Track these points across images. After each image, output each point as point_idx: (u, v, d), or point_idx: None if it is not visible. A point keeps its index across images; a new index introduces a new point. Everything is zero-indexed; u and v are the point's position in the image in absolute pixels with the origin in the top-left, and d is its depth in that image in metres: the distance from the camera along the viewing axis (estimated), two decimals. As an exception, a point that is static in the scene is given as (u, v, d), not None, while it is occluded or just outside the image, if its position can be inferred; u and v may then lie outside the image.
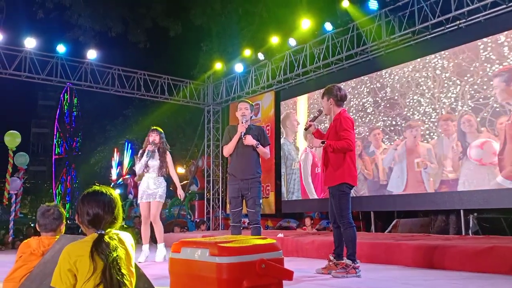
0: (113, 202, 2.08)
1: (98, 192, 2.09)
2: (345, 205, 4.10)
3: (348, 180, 4.10)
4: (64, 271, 1.90)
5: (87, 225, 2.03)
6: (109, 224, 2.03)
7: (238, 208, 4.66)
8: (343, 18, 8.92)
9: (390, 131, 8.23)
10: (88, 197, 2.07)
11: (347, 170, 4.09)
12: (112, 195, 2.09)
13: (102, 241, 1.93)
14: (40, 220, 3.05)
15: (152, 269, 4.53)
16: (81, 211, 2.05)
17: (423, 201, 7.61)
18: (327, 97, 4.24)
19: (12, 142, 11.60)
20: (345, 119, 4.12)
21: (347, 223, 4.07)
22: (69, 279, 1.89)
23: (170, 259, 2.23)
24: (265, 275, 1.95)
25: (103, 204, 2.03)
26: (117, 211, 2.08)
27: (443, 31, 7.70)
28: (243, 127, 4.62)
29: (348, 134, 4.06)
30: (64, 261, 1.91)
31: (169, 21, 15.03)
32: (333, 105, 4.22)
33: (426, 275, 4.17)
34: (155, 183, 5.85)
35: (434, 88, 7.63)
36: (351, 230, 4.07)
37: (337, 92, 4.20)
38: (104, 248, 1.90)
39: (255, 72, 11.40)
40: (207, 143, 12.97)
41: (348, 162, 4.09)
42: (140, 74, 11.47)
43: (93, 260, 1.88)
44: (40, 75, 10.20)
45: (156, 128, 6.03)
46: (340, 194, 4.11)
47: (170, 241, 9.25)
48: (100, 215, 2.02)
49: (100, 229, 2.00)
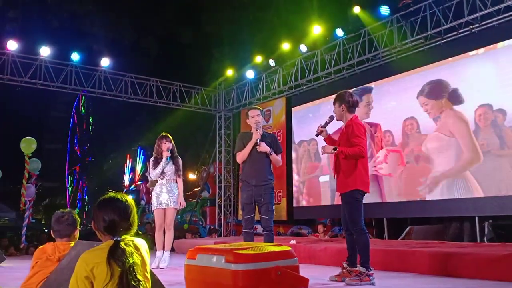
0: (129, 209, 2.09)
1: (114, 199, 2.10)
2: (358, 212, 4.08)
3: (360, 187, 4.09)
4: (81, 279, 1.91)
5: (103, 232, 2.05)
6: (125, 230, 2.04)
7: (251, 214, 4.68)
8: (355, 24, 8.93)
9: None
10: (104, 204, 2.08)
11: (359, 177, 4.08)
12: (127, 201, 2.10)
13: (118, 247, 1.94)
14: (54, 226, 3.08)
15: (166, 276, 4.54)
16: (97, 218, 2.06)
17: (437, 208, 7.54)
18: (339, 103, 4.24)
19: (28, 148, 11.78)
20: (357, 126, 4.12)
21: (359, 230, 4.05)
22: (86, 287, 1.90)
23: (185, 265, 2.25)
24: (280, 283, 1.96)
25: (118, 211, 2.05)
26: (133, 217, 2.09)
27: (456, 36, 7.65)
28: (258, 133, 4.66)
29: (360, 140, 4.05)
30: (80, 268, 1.93)
31: (181, 28, 15.18)
32: (345, 111, 4.21)
33: (441, 283, 4.13)
34: (169, 189, 5.87)
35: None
36: (364, 237, 4.05)
37: (349, 98, 4.20)
38: (120, 255, 1.91)
39: (266, 79, 11.43)
40: (218, 149, 13.00)
41: (360, 169, 4.08)
42: (153, 81, 11.58)
43: (110, 267, 1.88)
44: (55, 82, 10.35)
45: (167, 135, 6.06)
46: (352, 200, 4.09)
47: (182, 247, 9.32)
48: (116, 222, 2.03)
49: (116, 235, 2.01)
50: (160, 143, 5.98)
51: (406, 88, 8.22)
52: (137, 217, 2.18)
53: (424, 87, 7.88)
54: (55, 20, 14.25)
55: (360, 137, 4.06)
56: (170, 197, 5.84)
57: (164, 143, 5.94)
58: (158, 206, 5.87)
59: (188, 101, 12.21)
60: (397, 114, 8.36)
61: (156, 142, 6.06)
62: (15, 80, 10.05)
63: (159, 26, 15.10)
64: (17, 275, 4.95)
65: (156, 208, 5.90)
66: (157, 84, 11.62)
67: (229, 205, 12.78)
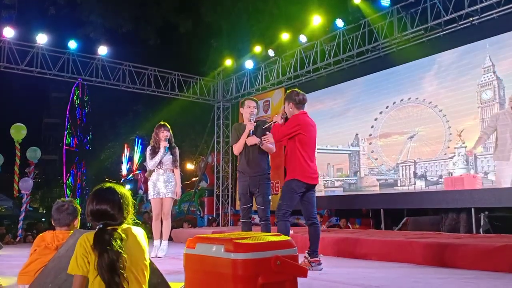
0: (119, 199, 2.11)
1: (104, 189, 2.14)
2: (285, 199, 4.24)
3: (299, 177, 4.22)
4: (80, 256, 1.96)
5: (92, 220, 2.08)
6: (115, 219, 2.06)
7: (247, 204, 4.72)
8: (355, 14, 8.88)
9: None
10: (94, 193, 2.12)
11: (299, 167, 4.23)
12: (118, 191, 2.13)
13: (101, 235, 1.96)
14: (54, 214, 3.12)
15: (164, 264, 4.56)
16: (87, 206, 2.11)
17: (434, 199, 7.58)
18: (287, 102, 4.46)
19: (18, 135, 11.76)
20: (292, 118, 4.36)
21: (280, 216, 4.22)
22: (85, 264, 1.94)
23: (185, 254, 2.25)
24: (280, 272, 1.96)
25: (107, 200, 2.07)
26: (126, 206, 2.11)
27: (456, 28, 7.63)
28: (252, 125, 4.69)
29: (283, 129, 4.32)
30: (80, 247, 1.98)
31: (180, 18, 15.04)
32: (294, 108, 4.41)
33: (437, 273, 4.16)
34: (166, 179, 5.88)
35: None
36: (283, 224, 4.20)
37: (296, 97, 4.40)
38: (104, 242, 1.93)
39: (265, 69, 11.38)
40: (216, 140, 12.99)
41: (300, 160, 4.24)
42: (151, 71, 11.51)
43: (94, 252, 1.93)
44: (52, 70, 10.28)
45: (165, 124, 6.04)
46: (285, 188, 4.28)
47: (180, 236, 9.36)
48: (102, 211, 2.05)
49: (103, 223, 2.03)
50: (158, 131, 5.97)
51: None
52: (133, 207, 2.19)
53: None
54: (52, 7, 14.07)
55: (287, 126, 4.32)
56: (167, 187, 5.85)
57: (162, 132, 5.93)
58: (155, 195, 5.88)
59: (187, 90, 12.16)
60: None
61: (154, 130, 6.05)
62: (12, 67, 9.97)
63: (157, 15, 14.96)
64: (14, 263, 4.96)
65: (153, 198, 5.91)
66: (155, 73, 11.55)
67: (227, 195, 12.81)
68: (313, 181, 4.32)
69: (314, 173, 4.33)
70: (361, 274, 4.17)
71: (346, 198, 9.17)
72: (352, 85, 9.36)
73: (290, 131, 4.28)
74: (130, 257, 1.96)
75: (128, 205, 2.13)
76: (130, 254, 1.97)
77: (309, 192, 4.33)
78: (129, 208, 2.13)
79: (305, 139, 4.28)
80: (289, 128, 4.29)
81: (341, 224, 9.54)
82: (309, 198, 4.34)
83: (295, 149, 4.27)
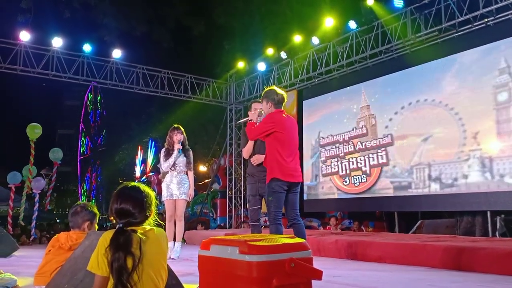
0: (143, 198, 2.12)
1: (128, 188, 2.15)
2: (272, 203, 4.14)
3: (277, 175, 4.12)
4: (101, 255, 1.96)
5: (115, 218, 2.09)
6: (136, 219, 2.08)
7: (256, 206, 4.70)
8: (368, 16, 8.85)
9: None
10: (118, 192, 2.13)
11: (276, 165, 4.15)
12: (143, 191, 2.14)
13: (121, 234, 1.97)
14: (69, 217, 3.25)
15: (177, 266, 4.58)
16: (111, 205, 2.12)
17: (449, 202, 7.50)
18: (266, 101, 4.39)
19: (32, 134, 11.99)
20: (267, 116, 4.33)
21: (271, 219, 4.14)
22: (105, 264, 1.95)
23: (199, 256, 2.26)
24: (294, 274, 1.96)
25: (131, 200, 2.08)
26: (149, 206, 2.12)
27: (470, 29, 7.55)
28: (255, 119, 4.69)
29: (257, 127, 4.33)
30: (101, 246, 1.99)
31: (193, 20, 15.17)
32: (272, 107, 4.36)
33: (452, 277, 4.11)
34: (179, 181, 5.91)
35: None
36: (273, 228, 4.11)
37: (275, 96, 4.35)
38: (119, 243, 1.94)
39: (277, 71, 11.39)
40: (229, 142, 13.03)
41: (277, 158, 4.15)
42: (164, 73, 11.61)
43: (110, 251, 1.94)
44: (67, 73, 10.43)
45: (178, 126, 6.08)
46: (269, 190, 4.18)
47: (193, 238, 9.40)
48: (125, 210, 2.07)
49: (124, 222, 2.04)
50: (172, 134, 6.01)
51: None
52: (156, 207, 2.21)
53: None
54: (67, 11, 14.29)
55: (262, 124, 4.29)
56: (180, 189, 5.87)
57: (176, 135, 5.96)
58: (168, 197, 5.91)
59: (199, 93, 12.23)
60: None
61: (168, 133, 6.09)
62: (27, 71, 10.13)
63: (171, 18, 15.10)
64: (30, 263, 5.03)
65: (166, 199, 5.94)
66: (168, 76, 11.64)
67: (239, 197, 12.83)
68: (293, 179, 4.18)
69: (294, 170, 4.20)
70: (375, 277, 4.14)
71: (359, 201, 9.11)
72: (365, 86, 9.32)
73: (264, 129, 4.23)
74: (148, 258, 1.97)
75: (151, 205, 2.13)
76: (149, 255, 1.97)
77: (291, 192, 4.21)
78: (151, 208, 2.13)
79: (281, 136, 4.18)
80: (264, 126, 4.25)
81: (354, 227, 9.49)
82: (289, 198, 4.22)
83: (272, 148, 4.20)
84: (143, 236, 1.99)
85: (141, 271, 1.93)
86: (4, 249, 6.69)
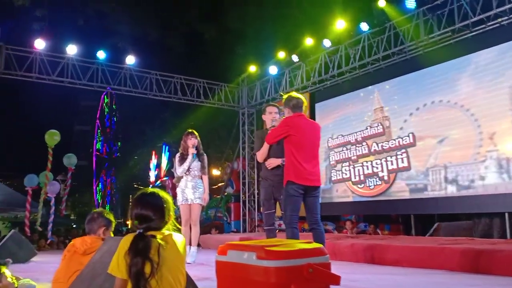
0: (162, 204, 2.14)
1: (147, 194, 2.17)
2: (287, 206, 4.13)
3: (293, 178, 4.10)
4: (121, 258, 1.99)
5: (135, 223, 2.11)
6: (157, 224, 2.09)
7: (271, 210, 4.69)
8: (380, 18, 8.82)
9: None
10: (137, 198, 2.16)
11: (292, 168, 4.14)
12: (161, 197, 2.17)
13: (140, 240, 1.99)
14: (85, 224, 3.32)
15: (193, 270, 4.59)
16: (130, 211, 2.15)
17: (466, 204, 7.40)
18: (284, 108, 4.47)
19: (51, 140, 12.17)
20: (282, 120, 4.39)
21: (287, 223, 4.12)
22: (125, 268, 1.97)
23: (216, 261, 2.27)
24: (312, 280, 1.95)
25: (149, 206, 2.11)
26: (167, 211, 2.15)
27: (484, 29, 7.47)
28: None
29: (272, 131, 4.42)
30: (122, 249, 2.01)
31: (205, 26, 15.27)
32: (289, 113, 4.40)
33: (471, 280, 4.05)
34: (194, 185, 5.93)
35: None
36: (289, 232, 4.10)
37: (290, 102, 4.40)
38: (138, 248, 1.96)
39: (289, 74, 11.39)
40: (242, 146, 13.05)
41: (293, 161, 4.14)
42: (177, 79, 11.69)
43: (129, 255, 1.96)
44: (82, 80, 10.56)
45: (192, 131, 6.11)
46: (285, 193, 4.18)
47: (207, 242, 9.41)
48: (144, 216, 2.09)
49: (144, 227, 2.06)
50: (186, 139, 6.03)
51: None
52: (174, 212, 2.22)
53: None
54: (81, 19, 14.50)
55: (276, 128, 4.38)
56: (195, 193, 5.89)
57: (190, 139, 5.99)
58: (183, 201, 5.93)
59: (212, 97, 12.30)
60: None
61: (182, 138, 6.12)
62: (43, 78, 10.28)
63: (183, 23, 15.22)
64: (48, 269, 5.09)
65: (181, 204, 5.96)
66: (181, 81, 11.73)
67: (253, 201, 12.83)
68: (310, 183, 4.12)
69: (310, 174, 4.13)
70: (393, 281, 4.10)
71: (375, 204, 9.04)
72: (378, 88, 9.26)
73: (278, 133, 4.26)
74: (167, 264, 1.98)
75: (170, 210, 2.16)
76: (168, 261, 1.99)
77: (309, 196, 4.16)
78: (170, 213, 2.16)
79: (296, 139, 4.16)
80: (278, 130, 4.30)
81: (370, 230, 9.42)
82: (308, 202, 4.19)
83: (288, 151, 4.20)
84: (163, 242, 2.00)
85: (159, 276, 1.94)
86: (23, 255, 6.79)
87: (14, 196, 16.58)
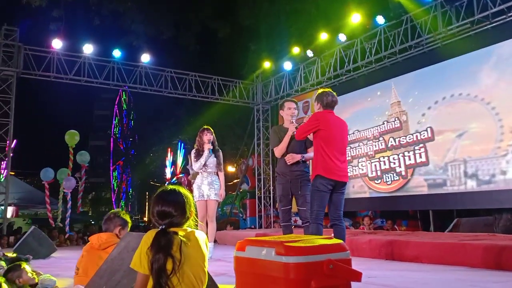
0: (182, 201, 2.13)
1: (167, 191, 2.17)
2: (314, 201, 4.12)
3: (321, 172, 4.08)
4: (143, 254, 1.98)
5: (156, 221, 2.11)
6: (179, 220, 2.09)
7: (288, 206, 4.67)
8: (396, 10, 8.69)
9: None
10: (158, 195, 2.16)
11: (321, 163, 4.12)
12: (182, 194, 2.16)
13: (162, 236, 1.98)
14: (102, 223, 3.48)
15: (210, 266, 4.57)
16: (151, 208, 2.15)
17: (486, 199, 7.26)
18: (316, 102, 4.42)
19: (71, 140, 12.39)
20: (312, 115, 4.36)
21: (312, 218, 4.10)
22: (147, 263, 1.96)
23: (235, 257, 2.24)
24: (333, 276, 1.92)
25: (170, 202, 2.10)
26: (189, 207, 2.14)
27: (504, 20, 7.28)
28: (294, 126, 4.70)
29: (302, 125, 4.40)
30: (144, 244, 2.01)
31: (218, 23, 15.27)
32: (320, 108, 4.36)
33: (494, 277, 3.96)
34: (210, 181, 5.93)
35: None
36: (313, 227, 4.08)
37: (324, 98, 4.34)
38: (161, 244, 1.95)
39: (304, 70, 11.31)
40: (257, 142, 13.03)
41: (322, 155, 4.12)
42: (191, 76, 11.72)
43: (151, 252, 1.95)
44: (98, 79, 10.66)
45: (208, 128, 6.12)
46: (312, 188, 4.18)
47: (223, 239, 9.43)
48: (166, 212, 2.08)
49: (166, 223, 2.05)
50: (201, 135, 6.04)
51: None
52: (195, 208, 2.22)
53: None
54: (96, 18, 14.63)
55: (306, 123, 4.33)
56: (210, 189, 5.89)
57: (206, 135, 5.99)
58: (199, 197, 5.94)
59: (226, 94, 12.29)
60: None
61: (198, 134, 6.13)
62: (60, 77, 10.41)
63: (196, 22, 15.25)
64: (67, 265, 5.15)
65: (198, 200, 5.97)
66: (195, 78, 11.75)
67: (269, 197, 12.81)
68: (339, 178, 4.11)
69: (339, 170, 4.12)
70: (413, 278, 4.04)
71: (392, 199, 8.92)
72: (395, 82, 9.12)
73: (308, 127, 4.25)
74: (189, 261, 1.97)
75: (191, 205, 2.16)
76: (189, 258, 1.97)
77: (336, 191, 4.14)
78: (192, 209, 2.15)
79: (326, 135, 4.15)
80: (307, 124, 4.27)
81: (387, 226, 9.30)
82: (333, 198, 4.16)
83: (317, 146, 4.18)
84: (185, 239, 1.99)
85: (181, 273, 1.93)
86: (43, 251, 6.92)
87: (34, 193, 16.90)
